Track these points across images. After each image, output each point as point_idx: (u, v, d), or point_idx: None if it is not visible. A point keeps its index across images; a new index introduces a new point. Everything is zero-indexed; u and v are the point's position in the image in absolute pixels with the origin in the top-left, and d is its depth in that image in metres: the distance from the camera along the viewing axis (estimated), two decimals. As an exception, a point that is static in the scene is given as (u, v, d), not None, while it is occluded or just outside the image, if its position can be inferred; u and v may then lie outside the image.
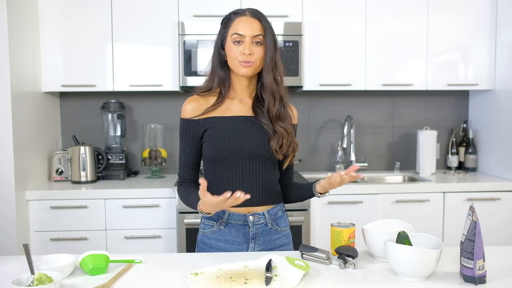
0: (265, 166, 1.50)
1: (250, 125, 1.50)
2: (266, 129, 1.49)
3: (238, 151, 1.47)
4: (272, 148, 1.48)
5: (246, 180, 1.49)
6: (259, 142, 1.48)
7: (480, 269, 1.19)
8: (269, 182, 1.52)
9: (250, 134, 1.49)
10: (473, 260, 1.18)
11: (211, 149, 1.48)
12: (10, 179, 2.37)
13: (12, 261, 1.41)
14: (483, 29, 2.92)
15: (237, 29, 1.45)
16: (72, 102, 3.10)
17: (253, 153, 1.48)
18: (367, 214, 2.63)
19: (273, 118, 1.49)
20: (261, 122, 1.50)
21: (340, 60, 2.87)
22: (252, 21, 1.46)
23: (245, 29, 1.45)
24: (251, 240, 1.51)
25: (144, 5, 2.76)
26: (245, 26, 1.45)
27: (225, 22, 1.50)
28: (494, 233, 2.68)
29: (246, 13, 1.48)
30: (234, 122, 1.49)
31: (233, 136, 1.47)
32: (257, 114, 1.51)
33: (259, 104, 1.52)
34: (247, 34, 1.45)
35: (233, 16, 1.48)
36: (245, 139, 1.48)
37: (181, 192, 1.55)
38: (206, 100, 1.52)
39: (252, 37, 1.45)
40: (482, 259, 1.19)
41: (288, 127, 1.51)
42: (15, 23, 2.42)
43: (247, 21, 1.46)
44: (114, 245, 2.56)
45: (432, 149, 3.05)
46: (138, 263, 1.37)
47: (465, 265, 1.20)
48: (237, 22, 1.46)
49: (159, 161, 2.97)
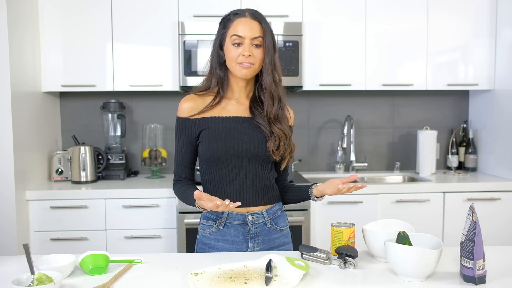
0: (261, 167, 1.50)
1: (247, 126, 1.50)
2: (263, 130, 1.48)
3: (234, 151, 1.47)
4: (269, 149, 1.48)
5: (242, 181, 1.48)
6: (255, 143, 1.48)
7: (480, 269, 1.19)
8: (266, 182, 1.52)
9: (247, 135, 1.48)
10: (473, 260, 1.18)
11: (207, 149, 1.48)
12: (10, 179, 2.37)
13: (12, 261, 1.41)
14: (483, 29, 2.92)
15: (236, 31, 1.44)
16: (72, 102, 3.10)
17: (250, 153, 1.48)
18: (367, 214, 2.63)
19: (271, 120, 1.49)
20: (258, 123, 1.49)
21: (340, 60, 2.87)
22: (251, 22, 1.45)
23: (245, 30, 1.44)
24: (250, 239, 1.51)
25: (144, 5, 2.76)
26: (244, 28, 1.44)
27: (224, 22, 1.49)
28: (494, 233, 2.68)
29: (245, 14, 1.46)
30: (230, 123, 1.49)
31: (230, 136, 1.47)
32: (254, 115, 1.50)
33: (256, 105, 1.52)
34: (247, 35, 1.44)
35: (232, 17, 1.47)
36: (242, 139, 1.47)
37: (177, 189, 1.56)
38: (203, 100, 1.52)
39: (251, 39, 1.44)
40: (482, 259, 1.19)
41: (286, 129, 1.50)
42: (15, 23, 2.42)
43: (247, 23, 1.45)
44: (114, 245, 2.56)
45: (432, 149, 3.05)
46: (138, 263, 1.37)
47: (465, 265, 1.20)
48: (236, 23, 1.45)
49: (159, 161, 2.97)
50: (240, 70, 1.45)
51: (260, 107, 1.51)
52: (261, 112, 1.50)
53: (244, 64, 1.44)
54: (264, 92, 1.50)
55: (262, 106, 1.51)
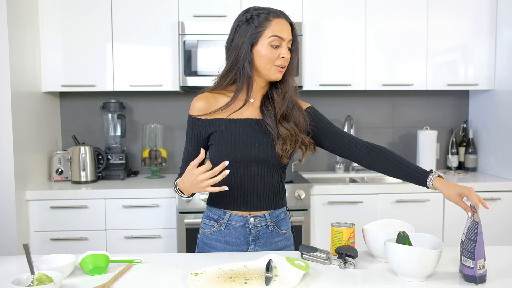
0: (270, 171, 1.48)
1: (258, 129, 1.46)
2: (271, 132, 1.45)
3: (243, 156, 1.44)
4: (278, 153, 1.45)
5: (249, 185, 1.47)
6: (264, 147, 1.45)
7: (480, 269, 1.19)
8: (273, 187, 1.50)
9: (256, 139, 1.45)
10: (475, 259, 1.18)
11: (217, 154, 1.46)
12: (10, 179, 2.37)
13: (12, 261, 1.41)
14: (483, 29, 2.92)
15: (277, 31, 1.39)
16: (72, 102, 3.10)
17: (259, 158, 1.45)
18: (367, 214, 2.63)
19: (279, 119, 1.45)
20: (267, 123, 1.46)
21: (340, 60, 2.87)
22: (287, 24, 1.42)
23: (284, 32, 1.40)
24: (251, 242, 1.51)
25: (144, 5, 2.76)
26: (283, 29, 1.40)
27: (255, 20, 1.40)
28: (494, 233, 2.68)
29: (281, 16, 1.43)
30: (240, 126, 1.45)
31: (239, 141, 1.44)
32: (264, 115, 1.47)
33: (267, 103, 1.48)
34: (286, 38, 1.41)
35: (269, 16, 1.40)
36: (251, 144, 1.44)
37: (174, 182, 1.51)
38: (215, 99, 1.47)
39: (288, 42, 1.42)
40: (483, 259, 1.19)
41: (293, 127, 1.46)
42: (15, 23, 2.42)
43: (285, 24, 1.42)
44: (114, 245, 2.56)
45: (432, 149, 3.05)
46: (138, 263, 1.37)
47: (465, 265, 1.20)
48: (276, 23, 1.40)
49: (159, 161, 2.97)
50: (275, 72, 1.42)
51: (270, 105, 1.48)
52: (271, 111, 1.47)
53: (281, 67, 1.42)
54: (281, 93, 1.47)
55: (272, 103, 1.47)
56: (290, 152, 1.46)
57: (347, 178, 3.13)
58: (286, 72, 1.46)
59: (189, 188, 1.37)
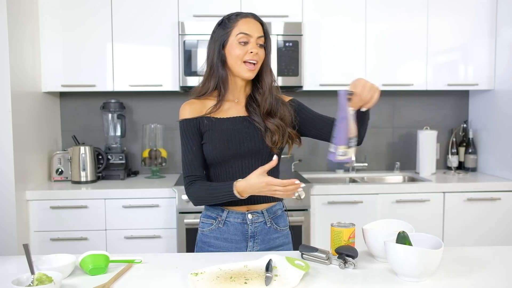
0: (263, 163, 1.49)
1: (247, 125, 1.52)
2: (258, 127, 1.51)
3: (237, 151, 1.49)
4: (268, 146, 1.50)
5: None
6: (256, 140, 1.50)
7: (342, 155, 1.17)
8: None
9: (247, 133, 1.50)
10: (335, 144, 1.16)
11: (211, 151, 1.49)
12: (10, 179, 2.37)
13: (12, 261, 1.42)
14: (483, 29, 2.92)
15: (243, 29, 1.47)
16: (72, 102, 3.10)
17: (252, 151, 1.50)
18: (367, 214, 2.63)
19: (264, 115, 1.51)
20: (254, 120, 1.51)
21: (340, 60, 2.87)
22: (255, 23, 1.50)
23: (251, 29, 1.47)
24: (249, 238, 1.52)
25: (144, 5, 2.76)
26: (250, 27, 1.48)
27: (225, 23, 1.51)
28: (493, 233, 2.68)
29: (250, 16, 1.50)
30: (230, 124, 1.51)
31: (231, 137, 1.49)
32: (249, 113, 1.53)
33: (251, 102, 1.55)
34: (254, 34, 1.47)
35: (236, 17, 1.50)
36: (243, 139, 1.49)
37: (197, 188, 1.48)
38: (202, 104, 1.53)
39: (257, 38, 1.47)
40: (346, 145, 1.17)
41: (279, 122, 1.51)
42: (15, 23, 2.42)
43: (252, 22, 1.49)
44: (114, 245, 2.56)
45: (432, 149, 3.05)
46: (138, 263, 1.37)
47: (330, 150, 1.19)
48: (242, 22, 1.48)
49: (159, 161, 2.97)
50: (245, 70, 1.47)
51: (255, 103, 1.54)
52: (256, 109, 1.53)
53: (249, 63, 1.46)
54: (262, 93, 1.53)
55: (256, 103, 1.54)
56: (280, 145, 1.51)
57: (347, 178, 3.13)
58: (261, 71, 1.52)
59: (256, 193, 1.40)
